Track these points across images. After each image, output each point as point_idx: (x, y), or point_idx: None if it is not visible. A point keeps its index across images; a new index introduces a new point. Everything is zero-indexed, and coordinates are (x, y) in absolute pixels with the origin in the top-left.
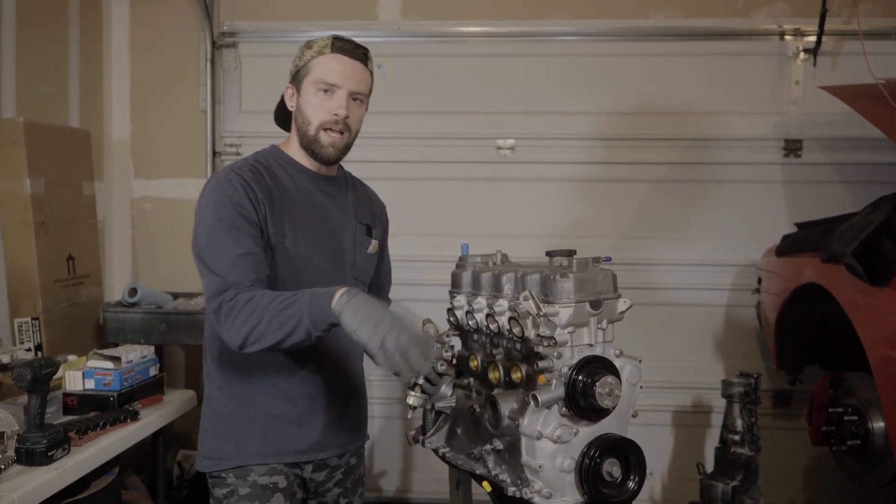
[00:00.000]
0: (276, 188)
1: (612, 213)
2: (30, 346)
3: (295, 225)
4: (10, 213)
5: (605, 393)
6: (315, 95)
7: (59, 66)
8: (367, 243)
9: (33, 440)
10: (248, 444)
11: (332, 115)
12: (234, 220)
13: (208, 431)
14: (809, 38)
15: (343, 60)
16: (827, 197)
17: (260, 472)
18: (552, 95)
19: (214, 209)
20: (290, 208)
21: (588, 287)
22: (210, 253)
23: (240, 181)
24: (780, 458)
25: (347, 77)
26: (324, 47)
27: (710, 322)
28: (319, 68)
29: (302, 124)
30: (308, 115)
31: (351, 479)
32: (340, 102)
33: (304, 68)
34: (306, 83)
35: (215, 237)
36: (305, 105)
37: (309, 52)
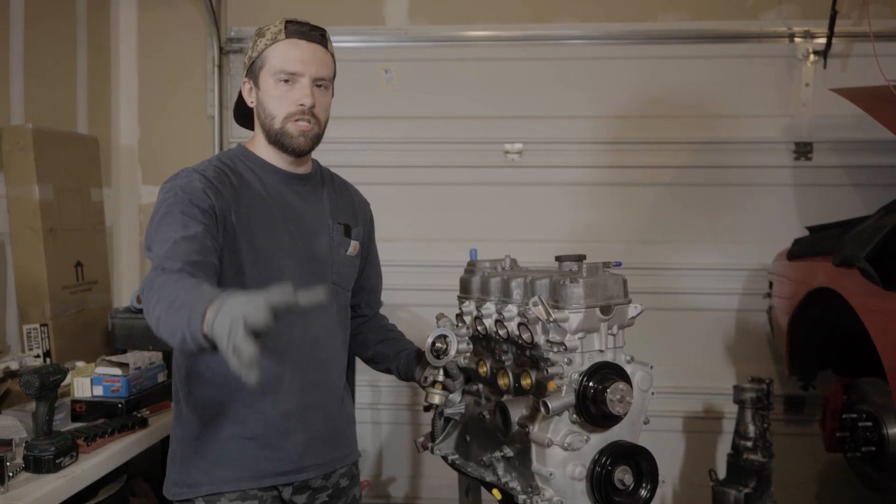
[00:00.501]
0: (242, 189)
1: (621, 218)
2: (38, 352)
3: (264, 229)
4: (18, 219)
5: (617, 399)
6: (276, 87)
7: (66, 72)
8: (345, 244)
9: (41, 447)
10: (218, 469)
11: (296, 106)
12: (185, 208)
13: (176, 456)
14: (819, 40)
15: (301, 45)
16: (838, 200)
17: (231, 497)
18: (560, 99)
19: (167, 202)
20: (259, 211)
21: (598, 292)
22: (156, 242)
23: (200, 179)
24: (793, 465)
25: (308, 63)
26: (277, 33)
27: (721, 327)
28: (276, 57)
29: (266, 119)
30: (271, 109)
31: (342, 502)
32: (304, 91)
33: (259, 59)
34: (264, 75)
35: (163, 225)
36: (266, 98)
37: (262, 40)
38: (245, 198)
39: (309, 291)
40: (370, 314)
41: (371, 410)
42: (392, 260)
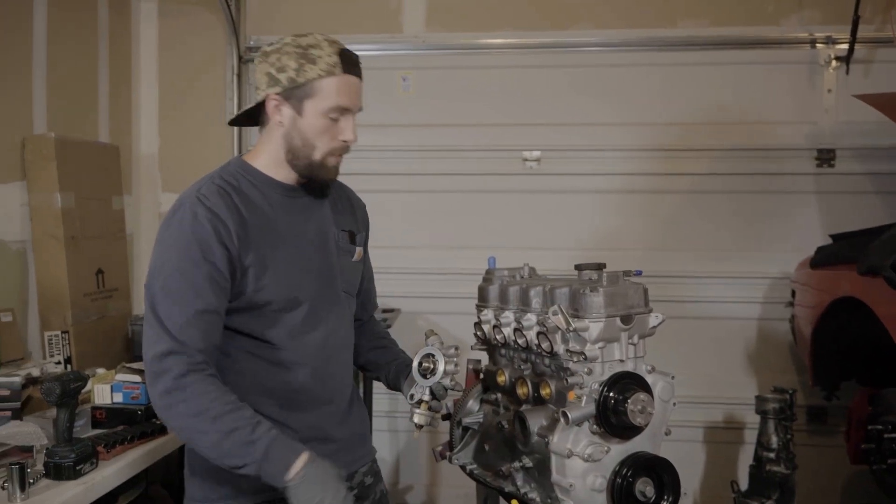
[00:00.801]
0: (247, 210)
1: (641, 225)
2: (59, 359)
3: (275, 248)
4: (41, 227)
5: (638, 410)
6: (323, 120)
7: (88, 82)
8: (351, 251)
9: (61, 454)
10: (243, 482)
11: (341, 143)
12: (198, 267)
13: (196, 471)
14: (841, 46)
15: (353, 82)
16: (862, 207)
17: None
18: (578, 106)
19: (178, 251)
20: (267, 232)
21: (619, 301)
22: (165, 303)
23: (207, 216)
24: (817, 477)
25: (356, 98)
26: (333, 67)
27: (743, 336)
28: (329, 92)
29: (302, 148)
30: (312, 140)
31: (370, 499)
32: (351, 128)
33: (308, 87)
34: (310, 105)
35: (175, 286)
36: (309, 129)
37: (313, 68)
38: (251, 219)
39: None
40: (364, 318)
41: (388, 419)
42: (409, 268)
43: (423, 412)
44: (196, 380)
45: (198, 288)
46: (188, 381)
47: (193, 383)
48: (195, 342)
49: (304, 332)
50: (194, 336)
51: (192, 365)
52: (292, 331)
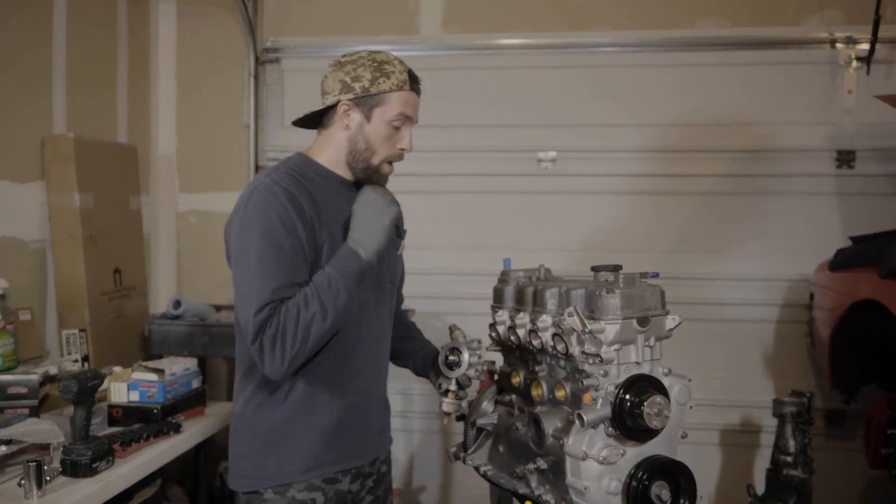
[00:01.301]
0: (318, 196)
1: (658, 227)
2: (77, 357)
3: (340, 236)
4: (59, 226)
5: (654, 413)
6: (387, 128)
7: (107, 83)
8: (398, 244)
9: (78, 452)
10: (292, 462)
11: (398, 151)
12: (282, 244)
13: (245, 451)
14: (862, 46)
15: (415, 98)
16: (882, 209)
17: (299, 487)
18: (594, 107)
19: (263, 230)
20: (332, 219)
21: (635, 303)
22: (255, 279)
23: (285, 195)
24: (834, 482)
25: (416, 111)
26: (403, 83)
27: (761, 338)
28: (397, 103)
29: (364, 151)
30: (374, 146)
31: (382, 486)
32: (409, 137)
33: (379, 97)
34: (378, 113)
35: (262, 262)
36: (374, 134)
37: (387, 81)
38: (323, 203)
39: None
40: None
41: (402, 419)
42: (425, 268)
43: (451, 401)
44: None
45: (285, 262)
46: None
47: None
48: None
49: (360, 314)
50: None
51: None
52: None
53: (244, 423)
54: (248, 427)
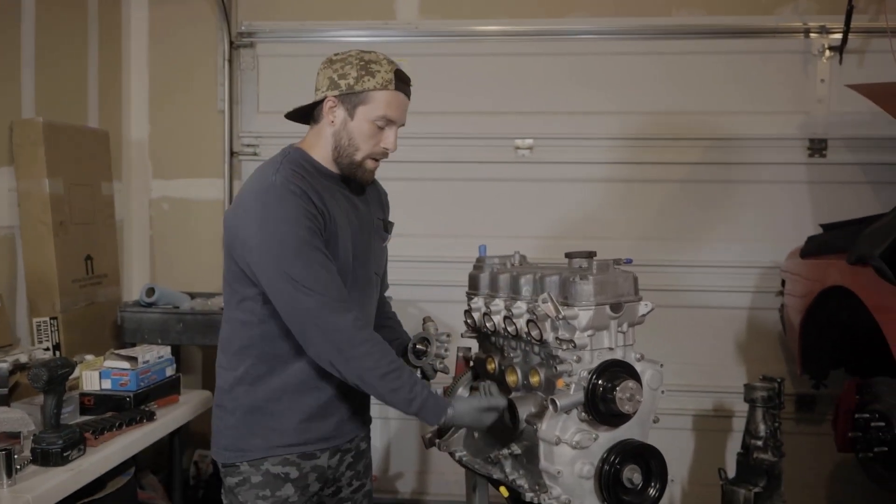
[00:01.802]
0: (323, 193)
1: (632, 214)
2: (48, 345)
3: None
4: (29, 213)
5: (626, 398)
6: (370, 127)
7: (77, 66)
8: (384, 238)
9: (49, 440)
10: (272, 439)
11: (381, 149)
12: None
13: (229, 424)
14: (835, 36)
15: (401, 98)
16: (853, 198)
17: (274, 461)
18: (571, 95)
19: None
20: (333, 213)
21: (608, 289)
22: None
23: (299, 191)
24: (804, 465)
25: (402, 113)
26: (388, 82)
27: (733, 325)
28: (380, 103)
29: (347, 147)
30: (357, 143)
31: (362, 462)
32: (393, 138)
33: (363, 95)
34: (362, 111)
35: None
36: (357, 132)
37: (371, 80)
38: (327, 202)
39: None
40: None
41: (380, 406)
42: (401, 255)
43: None
44: (364, 338)
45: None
46: (361, 336)
47: (364, 342)
48: (344, 296)
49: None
50: (342, 291)
51: (357, 320)
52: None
53: (230, 398)
54: (235, 403)
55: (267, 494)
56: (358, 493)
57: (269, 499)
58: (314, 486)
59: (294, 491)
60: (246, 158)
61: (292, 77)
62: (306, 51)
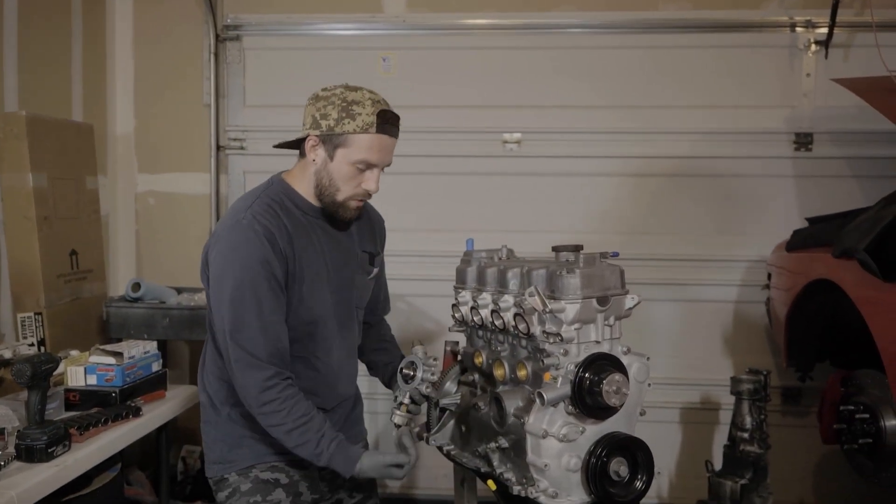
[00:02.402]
0: (293, 229)
1: (620, 208)
2: (32, 341)
3: (311, 263)
4: (12, 207)
5: (613, 391)
6: (349, 169)
7: (61, 59)
8: (368, 271)
9: (33, 437)
10: (260, 447)
11: (363, 191)
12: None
13: (217, 438)
14: (821, 30)
15: (384, 140)
16: (838, 191)
17: (262, 468)
18: (559, 88)
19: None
20: (307, 250)
21: (595, 283)
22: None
23: (265, 234)
24: (790, 456)
25: (386, 155)
26: (369, 125)
27: (719, 318)
28: (360, 147)
29: (328, 187)
30: (337, 184)
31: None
32: (374, 181)
33: (343, 138)
34: (341, 154)
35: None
36: (336, 173)
37: (350, 123)
38: (296, 240)
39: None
40: (373, 322)
41: (368, 400)
42: (389, 250)
43: (402, 413)
44: (272, 398)
45: (264, 302)
46: (265, 397)
47: (270, 401)
48: (268, 352)
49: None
50: (267, 346)
51: (267, 382)
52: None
53: (214, 413)
54: (219, 417)
55: (258, 500)
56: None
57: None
58: (307, 496)
59: (286, 496)
60: (232, 152)
61: (279, 70)
62: (293, 44)
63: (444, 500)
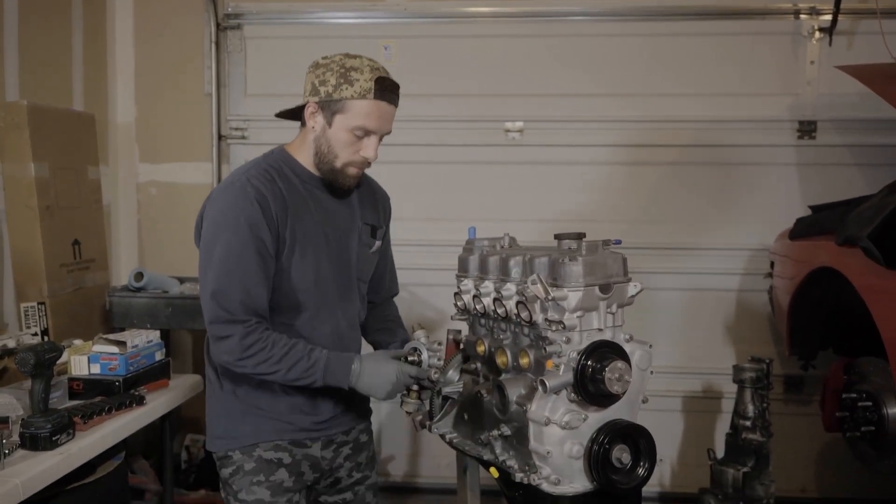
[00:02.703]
0: (289, 196)
1: (622, 197)
2: (36, 330)
3: (306, 231)
4: (14, 197)
5: (615, 378)
6: (347, 136)
7: (62, 48)
8: (371, 244)
9: (37, 425)
10: (264, 424)
11: (361, 158)
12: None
13: (220, 413)
14: (825, 17)
15: (382, 107)
16: (842, 179)
17: (265, 447)
18: (561, 77)
19: (230, 233)
20: (303, 217)
21: (597, 270)
22: (220, 277)
23: (256, 196)
24: (792, 444)
25: (384, 122)
26: (367, 91)
27: (722, 307)
28: (358, 113)
29: (326, 154)
30: (336, 150)
31: (364, 454)
32: (373, 148)
33: (340, 104)
34: (339, 120)
35: (227, 261)
36: (334, 140)
37: (349, 88)
38: (291, 204)
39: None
40: (378, 301)
41: None
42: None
43: (411, 400)
44: (254, 340)
45: (247, 263)
46: (248, 342)
47: (253, 343)
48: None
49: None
50: (248, 307)
51: (248, 328)
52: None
53: (218, 388)
54: (223, 392)
55: (261, 479)
56: (360, 486)
57: (263, 483)
58: (309, 475)
59: (288, 476)
60: (234, 142)
61: (280, 59)
62: (294, 33)
63: (446, 488)
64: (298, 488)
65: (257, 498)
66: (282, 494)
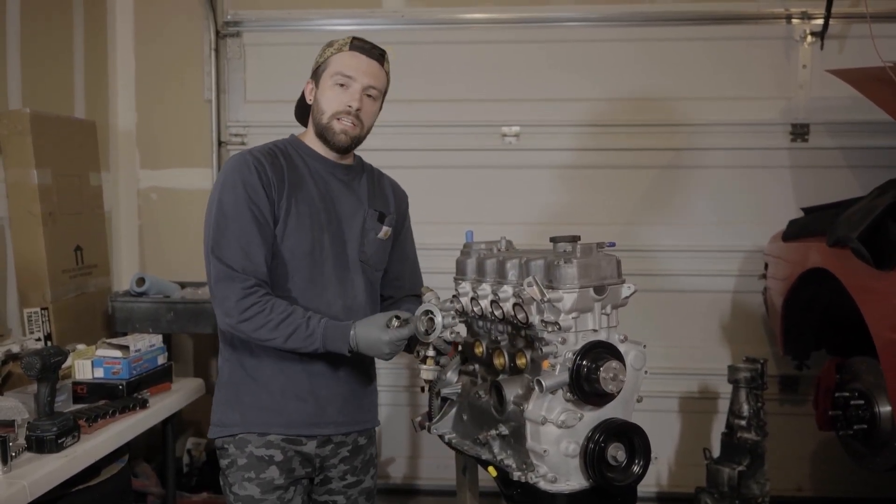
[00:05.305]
0: (289, 171)
1: (617, 200)
2: (39, 335)
3: (307, 206)
4: (17, 203)
5: (610, 378)
6: (332, 88)
7: (63, 56)
8: (377, 229)
9: (43, 428)
10: (251, 413)
11: (345, 107)
12: (244, 206)
13: (219, 400)
14: (817, 21)
15: (359, 58)
16: (834, 182)
17: (257, 444)
18: (557, 82)
19: (228, 192)
20: (301, 191)
21: (592, 272)
22: (219, 238)
23: (255, 163)
24: (787, 443)
25: (362, 72)
26: (343, 45)
27: (717, 308)
28: (337, 63)
29: (317, 114)
30: (323, 106)
31: (360, 458)
32: (354, 95)
33: (324, 64)
34: (324, 77)
35: (226, 223)
36: (322, 97)
37: (329, 49)
38: (290, 178)
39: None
40: (397, 296)
41: None
42: None
43: (429, 367)
44: (252, 302)
45: (244, 222)
46: (246, 303)
47: (251, 305)
48: (245, 268)
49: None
50: (246, 262)
51: (246, 289)
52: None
53: (221, 375)
54: (223, 379)
55: (252, 476)
56: (353, 489)
57: (253, 480)
58: (299, 471)
59: (279, 473)
60: (234, 148)
61: (279, 66)
62: (292, 39)
63: (445, 490)
64: (288, 484)
65: (248, 494)
66: (271, 492)
